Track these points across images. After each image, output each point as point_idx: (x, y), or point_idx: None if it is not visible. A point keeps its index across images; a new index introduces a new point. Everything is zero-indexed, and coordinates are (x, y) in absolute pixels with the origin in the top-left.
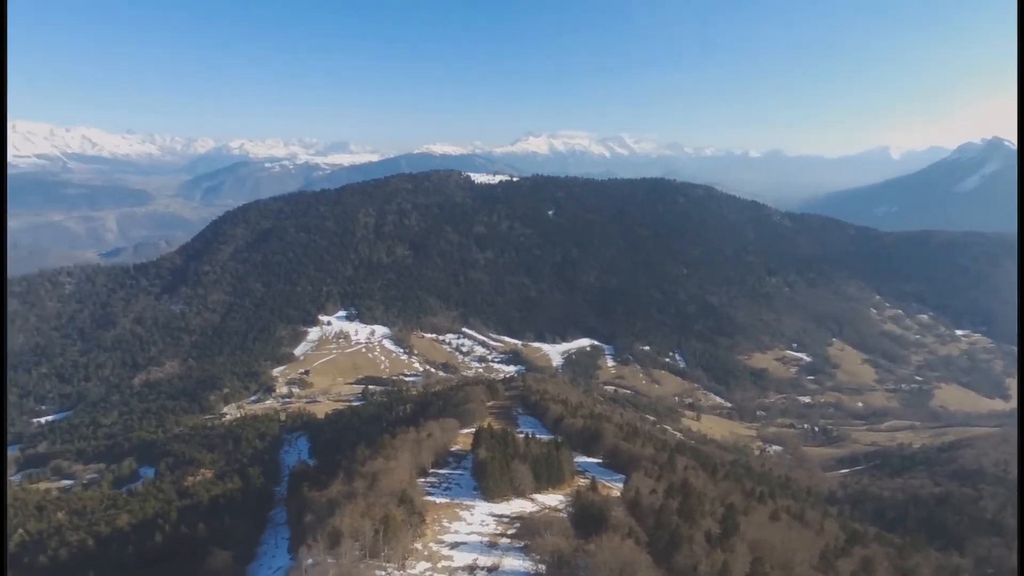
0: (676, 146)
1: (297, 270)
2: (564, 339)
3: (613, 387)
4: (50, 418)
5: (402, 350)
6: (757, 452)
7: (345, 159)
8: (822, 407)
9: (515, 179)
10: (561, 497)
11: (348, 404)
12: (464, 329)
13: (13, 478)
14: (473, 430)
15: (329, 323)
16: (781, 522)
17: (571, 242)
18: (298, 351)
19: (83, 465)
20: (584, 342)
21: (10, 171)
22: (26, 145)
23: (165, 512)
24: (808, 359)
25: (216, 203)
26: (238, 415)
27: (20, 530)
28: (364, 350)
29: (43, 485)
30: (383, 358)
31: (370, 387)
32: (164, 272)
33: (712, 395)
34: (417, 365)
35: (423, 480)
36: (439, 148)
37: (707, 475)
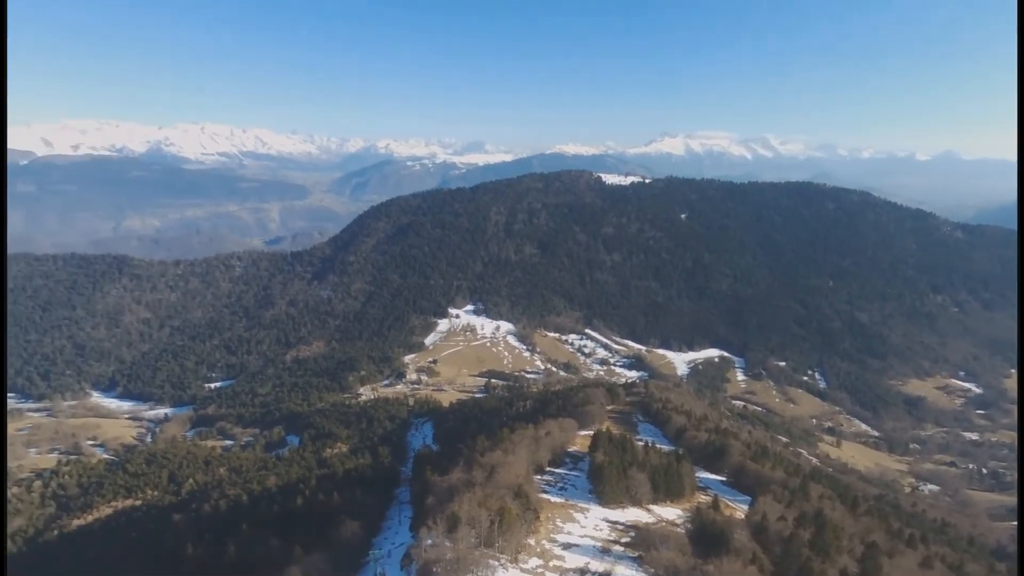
0: (828, 147)
1: (431, 264)
2: (691, 348)
3: (742, 402)
4: (218, 384)
5: (525, 347)
6: (908, 489)
7: (480, 159)
8: (993, 447)
9: (647, 180)
10: (679, 511)
11: (471, 395)
12: (587, 330)
13: (187, 434)
14: (591, 433)
15: (458, 316)
16: (934, 571)
17: (704, 247)
18: (428, 341)
19: (242, 428)
20: (712, 352)
21: (197, 167)
22: (211, 144)
23: (306, 479)
24: (978, 390)
25: (363, 198)
26: (372, 396)
27: (191, 479)
28: (489, 344)
29: (210, 443)
30: (506, 353)
31: (492, 381)
32: (315, 260)
33: (856, 421)
34: (539, 363)
35: (539, 477)
36: (571, 148)
37: (846, 508)
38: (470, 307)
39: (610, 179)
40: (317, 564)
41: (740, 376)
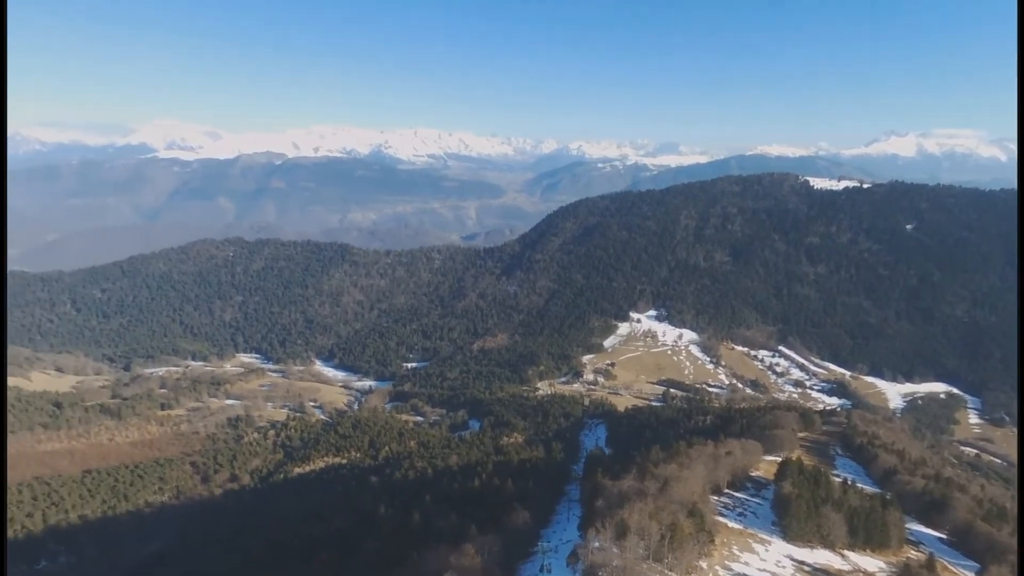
0: None
1: (615, 266)
2: (909, 379)
3: (974, 450)
4: (414, 365)
5: (708, 358)
6: None
7: (673, 160)
8: None
9: (865, 185)
10: (882, 564)
11: (647, 402)
12: (780, 348)
13: (386, 406)
14: (779, 459)
15: (639, 320)
16: None
17: (933, 263)
18: (607, 343)
19: (431, 408)
20: (937, 387)
21: (409, 167)
22: (422, 147)
23: (483, 463)
24: None
25: (552, 199)
26: (549, 392)
27: (386, 447)
28: (670, 352)
29: (404, 416)
30: (688, 363)
31: (671, 390)
32: (505, 257)
33: None
34: (723, 377)
35: (716, 498)
36: (775, 149)
37: None
38: (652, 312)
39: (819, 183)
40: (489, 545)
41: (973, 419)
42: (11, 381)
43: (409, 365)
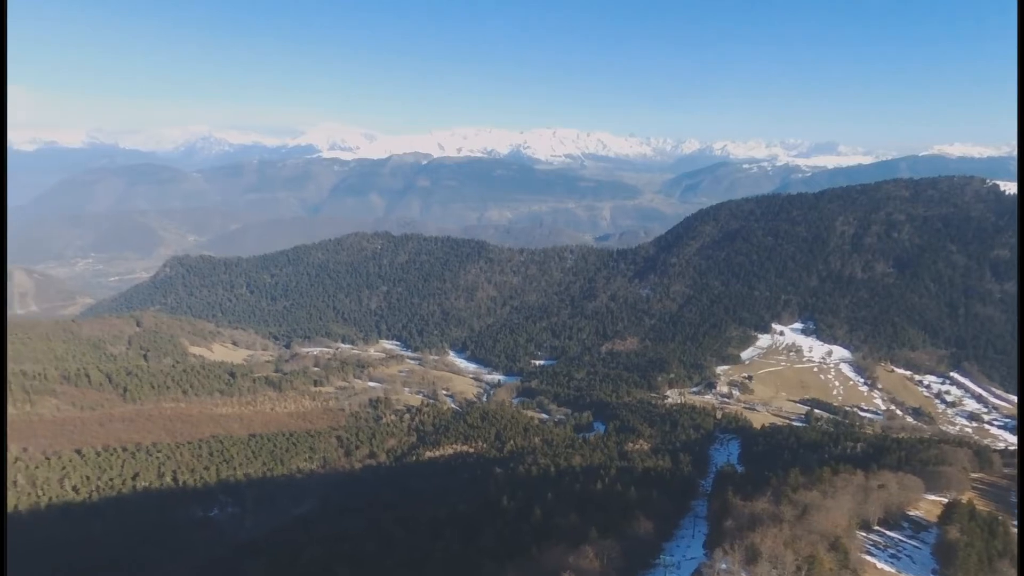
0: None
1: (757, 273)
2: None
3: None
4: (541, 362)
5: (862, 380)
6: None
7: (830, 161)
8: None
9: None
10: None
11: (787, 422)
12: (953, 374)
13: (513, 400)
14: (945, 500)
15: (782, 333)
16: None
17: None
18: (744, 355)
19: (557, 406)
20: None
21: (546, 167)
22: (560, 147)
23: (607, 466)
24: None
25: (692, 200)
26: (678, 401)
27: (512, 441)
28: (816, 370)
29: (529, 412)
30: (837, 383)
31: (815, 411)
32: (639, 259)
33: None
34: (878, 401)
35: (864, 535)
36: (957, 149)
37: None
38: (798, 325)
39: (1011, 188)
40: (608, 550)
41: None
42: (197, 350)
43: (537, 362)
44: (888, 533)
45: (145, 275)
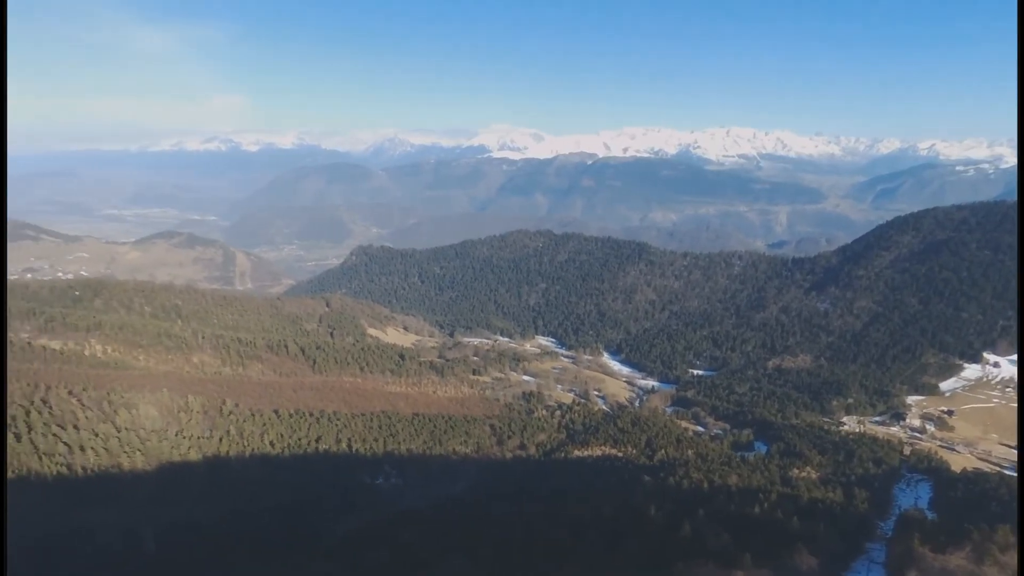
0: None
1: (968, 293)
2: None
3: None
4: (699, 372)
5: None
6: None
7: None
8: None
9: None
10: None
11: (997, 469)
12: None
13: (666, 409)
14: None
15: (996, 364)
16: None
17: None
18: (944, 386)
19: (714, 420)
20: None
21: (717, 168)
22: (733, 147)
23: (766, 490)
24: None
25: (886, 207)
26: (856, 429)
27: (663, 451)
28: None
29: (683, 423)
30: None
31: None
32: (818, 269)
33: None
34: None
35: None
36: None
37: None
38: (1015, 357)
39: None
40: None
41: None
42: (374, 332)
43: (695, 372)
44: None
45: (336, 262)
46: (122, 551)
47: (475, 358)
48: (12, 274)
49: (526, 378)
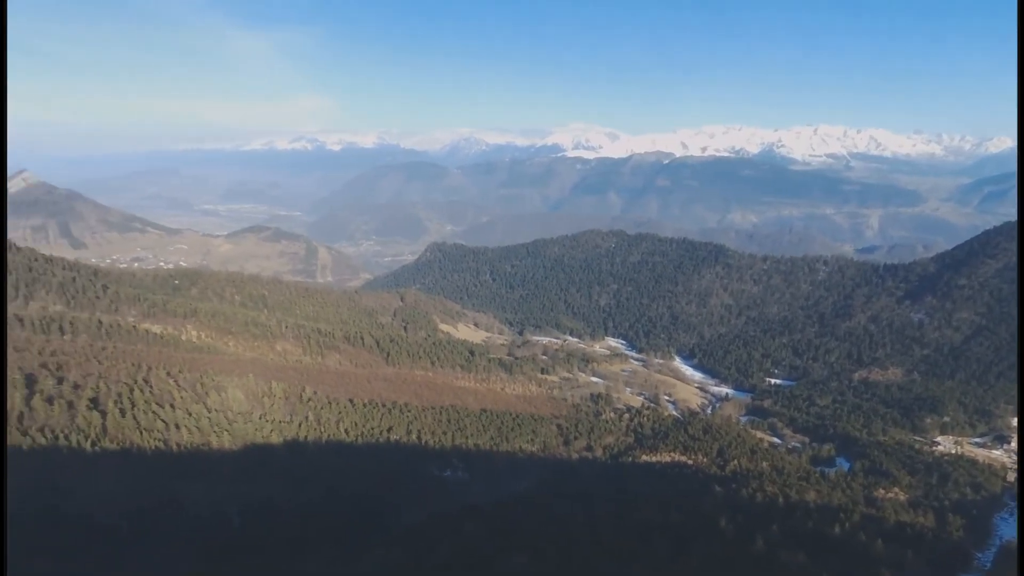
0: None
1: None
2: None
3: None
4: (777, 382)
5: None
6: None
7: None
8: None
9: None
10: None
11: None
12: None
13: (741, 418)
14: None
15: None
16: None
17: None
18: None
19: (791, 432)
20: None
21: (802, 168)
22: (821, 146)
23: (848, 510)
24: None
25: (994, 211)
26: (952, 450)
27: (736, 461)
28: None
29: (759, 434)
30: None
31: None
32: (912, 277)
33: None
34: None
35: None
36: None
37: None
38: None
39: None
40: None
41: None
42: (445, 327)
43: (772, 381)
44: None
45: (411, 257)
46: (210, 524)
47: (544, 357)
48: (122, 262)
49: (594, 379)
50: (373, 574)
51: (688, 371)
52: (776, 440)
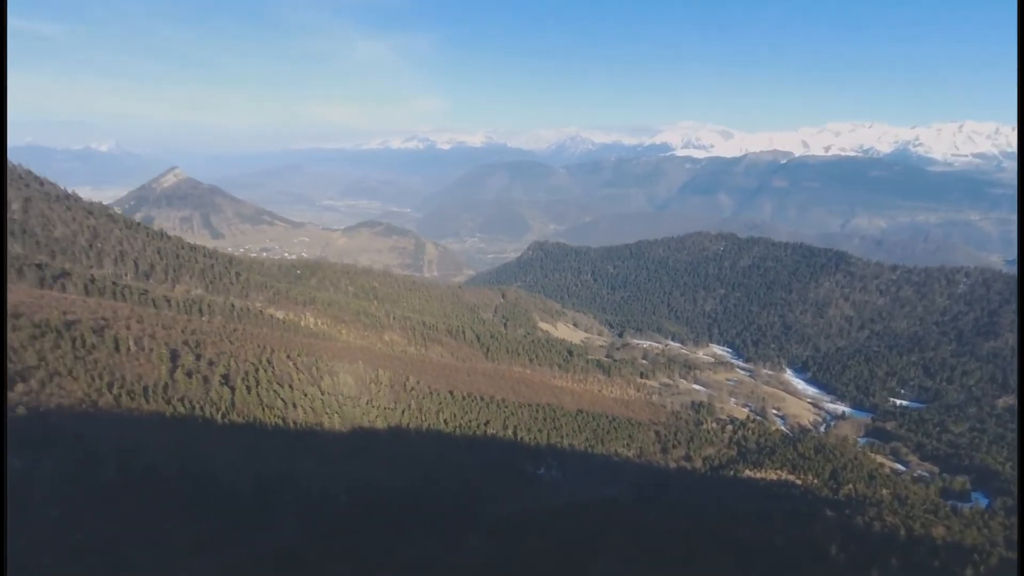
0: None
1: None
2: None
3: None
4: (904, 403)
5: None
6: None
7: None
8: None
9: None
10: None
11: None
12: None
13: (859, 440)
14: None
15: None
16: None
17: None
18: None
19: (917, 459)
20: None
21: (943, 169)
22: (966, 145)
23: (984, 552)
24: None
25: None
26: None
27: (851, 485)
28: None
29: (879, 458)
30: None
31: None
32: None
33: None
34: None
35: None
36: None
37: None
38: None
39: None
40: None
41: None
42: (544, 326)
43: (897, 402)
44: None
45: (513, 255)
46: (319, 499)
47: (643, 361)
48: (252, 252)
49: (696, 387)
50: (467, 563)
51: (800, 385)
52: (899, 467)
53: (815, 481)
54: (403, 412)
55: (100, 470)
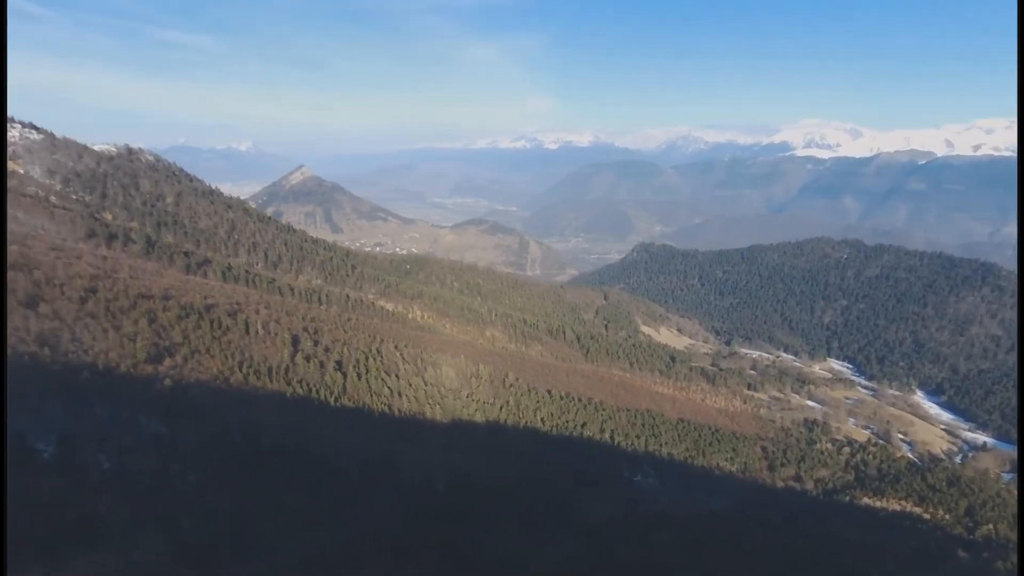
0: None
1: None
2: None
3: None
4: None
5: None
6: None
7: None
8: None
9: None
10: None
11: None
12: None
13: (1003, 474)
14: None
15: None
16: None
17: None
18: None
19: None
20: None
21: None
22: None
23: None
24: None
25: None
26: None
27: (990, 525)
28: None
29: None
30: None
31: None
32: None
33: None
34: None
35: None
36: None
37: None
38: None
39: None
40: None
41: None
42: (647, 330)
43: None
44: None
45: (617, 256)
46: (419, 486)
47: (752, 372)
48: (367, 246)
49: (810, 403)
50: (557, 563)
51: (932, 409)
52: None
53: (946, 517)
54: (501, 408)
55: (230, 442)
